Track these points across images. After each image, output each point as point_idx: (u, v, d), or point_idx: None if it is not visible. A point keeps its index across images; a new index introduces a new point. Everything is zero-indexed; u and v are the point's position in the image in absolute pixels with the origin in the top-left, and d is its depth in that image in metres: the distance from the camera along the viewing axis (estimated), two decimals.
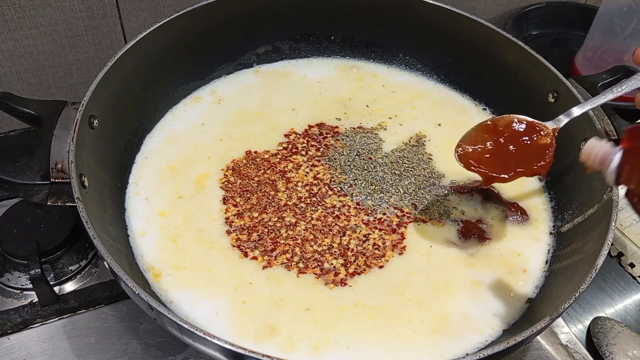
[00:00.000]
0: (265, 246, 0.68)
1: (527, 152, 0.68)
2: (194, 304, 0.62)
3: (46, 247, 0.74)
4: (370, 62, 0.95)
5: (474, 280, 0.67)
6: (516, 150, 0.69)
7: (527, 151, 0.69)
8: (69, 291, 0.73)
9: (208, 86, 0.88)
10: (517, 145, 0.69)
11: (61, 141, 0.63)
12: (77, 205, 0.57)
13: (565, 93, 0.75)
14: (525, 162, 0.68)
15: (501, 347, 0.52)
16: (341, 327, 0.62)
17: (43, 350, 0.67)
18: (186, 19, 0.79)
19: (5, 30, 0.83)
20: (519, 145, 0.69)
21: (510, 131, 0.69)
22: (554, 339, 0.73)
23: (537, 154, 0.68)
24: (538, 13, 1.20)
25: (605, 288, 0.80)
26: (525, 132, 0.69)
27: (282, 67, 0.93)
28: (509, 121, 0.70)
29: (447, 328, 0.63)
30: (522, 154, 0.68)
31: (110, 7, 0.87)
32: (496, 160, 0.68)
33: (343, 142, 0.81)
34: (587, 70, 1.08)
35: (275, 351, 0.59)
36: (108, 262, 0.54)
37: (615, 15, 1.00)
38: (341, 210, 0.72)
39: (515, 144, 0.69)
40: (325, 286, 0.65)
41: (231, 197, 0.73)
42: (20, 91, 0.90)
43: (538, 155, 0.68)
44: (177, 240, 0.68)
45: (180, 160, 0.77)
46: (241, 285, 0.64)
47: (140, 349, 0.68)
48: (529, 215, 0.75)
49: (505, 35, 0.82)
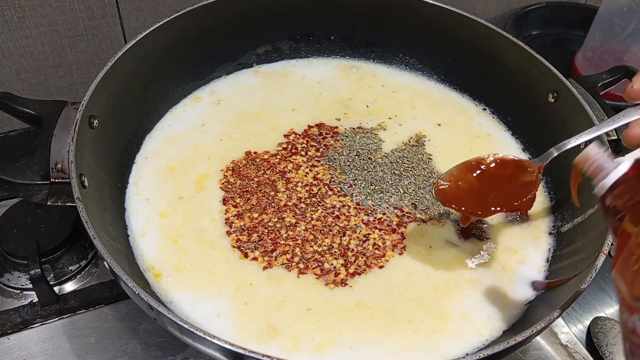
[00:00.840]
0: (266, 247, 0.68)
1: (508, 190, 0.68)
2: (195, 304, 0.62)
3: (46, 247, 0.74)
4: (370, 62, 0.95)
5: (474, 280, 0.67)
6: (497, 188, 0.68)
7: (508, 189, 0.68)
8: (69, 291, 0.73)
9: (208, 86, 0.88)
10: (499, 183, 0.68)
11: (61, 141, 0.63)
12: (77, 205, 0.57)
13: (565, 93, 0.75)
14: (505, 200, 0.67)
15: (501, 347, 0.52)
16: (343, 327, 0.62)
17: (43, 350, 0.67)
18: (186, 19, 0.79)
19: (5, 30, 0.83)
20: (501, 184, 0.68)
21: (493, 170, 0.68)
22: (554, 339, 0.73)
23: (520, 192, 0.67)
24: (538, 13, 1.20)
25: (605, 288, 0.80)
26: (509, 171, 0.68)
27: (282, 67, 0.93)
28: (493, 160, 0.69)
29: (447, 328, 0.63)
30: (503, 192, 0.68)
31: (110, 7, 0.87)
32: (473, 198, 0.67)
33: (343, 142, 0.81)
34: (587, 70, 1.08)
35: (279, 351, 0.59)
36: (108, 262, 0.54)
37: (615, 15, 1.00)
38: (341, 211, 0.72)
39: (497, 182, 0.68)
40: (326, 286, 0.65)
41: (231, 198, 0.73)
42: (20, 91, 0.90)
43: (520, 193, 0.67)
44: (177, 241, 0.68)
45: (180, 160, 0.77)
46: (242, 286, 0.64)
47: (140, 349, 0.68)
48: (529, 215, 0.75)
49: (505, 35, 0.82)
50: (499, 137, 0.85)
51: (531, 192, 0.67)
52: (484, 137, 0.85)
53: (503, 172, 0.68)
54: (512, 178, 0.68)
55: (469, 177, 0.68)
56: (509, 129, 0.86)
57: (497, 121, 0.87)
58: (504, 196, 0.67)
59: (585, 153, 0.52)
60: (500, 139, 0.85)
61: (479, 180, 0.68)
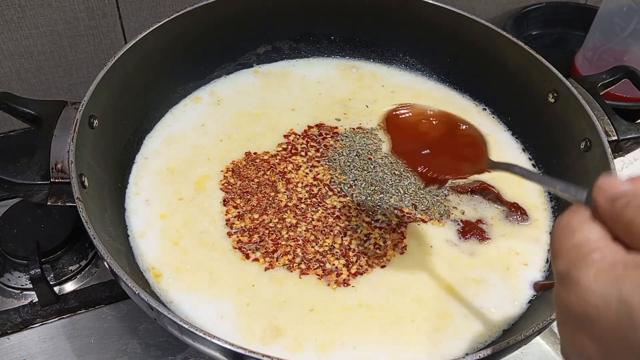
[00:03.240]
0: (267, 248, 0.68)
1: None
2: (197, 306, 0.62)
3: (46, 247, 0.74)
4: (369, 62, 0.95)
5: (474, 280, 0.67)
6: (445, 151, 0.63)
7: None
8: (69, 291, 0.73)
9: (208, 86, 0.88)
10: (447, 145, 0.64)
11: (61, 141, 0.63)
12: (77, 205, 0.57)
13: (565, 93, 0.75)
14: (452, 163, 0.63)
15: (501, 347, 0.52)
16: (346, 327, 0.62)
17: (43, 350, 0.67)
18: (186, 19, 0.79)
19: (5, 30, 0.83)
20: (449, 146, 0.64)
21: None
22: (554, 339, 0.73)
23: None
24: (538, 13, 1.20)
25: None
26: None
27: (282, 67, 0.92)
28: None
29: (448, 327, 0.63)
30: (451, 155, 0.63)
31: (110, 7, 0.87)
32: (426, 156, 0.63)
33: (342, 142, 0.81)
34: (587, 70, 1.08)
35: (283, 352, 0.59)
36: (108, 262, 0.53)
37: (615, 15, 1.00)
38: (341, 211, 0.72)
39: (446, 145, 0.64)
40: (328, 287, 0.65)
41: (231, 199, 0.72)
42: (20, 91, 0.90)
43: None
44: (178, 242, 0.68)
45: (180, 161, 0.77)
46: (244, 287, 0.64)
47: (140, 349, 0.68)
48: (529, 215, 0.75)
49: (505, 35, 0.82)
50: (499, 137, 0.85)
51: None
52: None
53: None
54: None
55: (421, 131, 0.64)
56: (509, 129, 0.86)
57: (497, 121, 0.87)
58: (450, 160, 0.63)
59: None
60: (500, 139, 0.85)
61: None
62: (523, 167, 0.57)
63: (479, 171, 0.61)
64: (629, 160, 0.92)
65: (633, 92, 0.94)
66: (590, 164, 0.70)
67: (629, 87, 0.80)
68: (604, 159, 0.67)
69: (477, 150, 0.62)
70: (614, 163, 0.67)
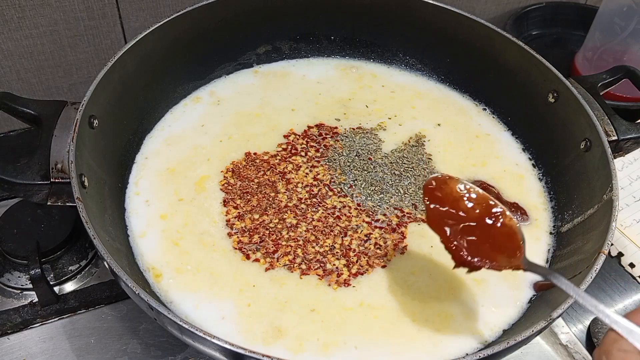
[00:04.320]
0: (267, 248, 0.68)
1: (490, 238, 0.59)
2: (198, 307, 0.62)
3: (46, 247, 0.74)
4: (370, 62, 0.95)
5: (475, 280, 0.67)
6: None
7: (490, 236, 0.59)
8: (69, 291, 0.73)
9: (208, 86, 0.88)
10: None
11: (61, 141, 0.63)
12: (77, 205, 0.57)
13: (565, 93, 0.75)
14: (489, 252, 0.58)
15: (501, 347, 0.52)
16: (347, 328, 0.62)
17: (43, 350, 0.67)
18: (186, 19, 0.79)
19: (5, 30, 0.83)
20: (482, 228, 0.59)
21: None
22: (554, 339, 0.73)
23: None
24: (538, 13, 1.20)
25: (605, 288, 0.80)
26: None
27: (281, 67, 0.92)
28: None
29: (448, 327, 0.63)
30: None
31: (110, 7, 0.87)
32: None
33: (342, 142, 0.81)
34: (587, 70, 1.08)
35: (285, 352, 0.59)
36: (108, 262, 0.54)
37: (615, 15, 1.00)
38: (342, 211, 0.72)
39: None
40: (329, 287, 0.65)
41: (231, 199, 0.72)
42: (20, 91, 0.90)
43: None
44: (179, 243, 0.68)
45: (180, 161, 0.77)
46: (245, 288, 0.64)
47: (140, 349, 0.68)
48: (529, 215, 0.75)
49: (505, 35, 0.82)
50: (499, 137, 0.85)
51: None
52: (484, 137, 0.85)
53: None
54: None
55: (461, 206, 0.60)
56: (509, 129, 0.86)
57: (497, 121, 0.87)
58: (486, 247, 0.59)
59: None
60: (500, 139, 0.85)
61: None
62: (565, 279, 0.55)
63: (514, 267, 0.58)
64: (629, 160, 0.92)
65: (633, 92, 0.94)
66: (590, 164, 0.71)
67: (629, 87, 0.80)
68: (603, 158, 0.67)
69: (514, 243, 0.59)
70: (614, 163, 0.67)
